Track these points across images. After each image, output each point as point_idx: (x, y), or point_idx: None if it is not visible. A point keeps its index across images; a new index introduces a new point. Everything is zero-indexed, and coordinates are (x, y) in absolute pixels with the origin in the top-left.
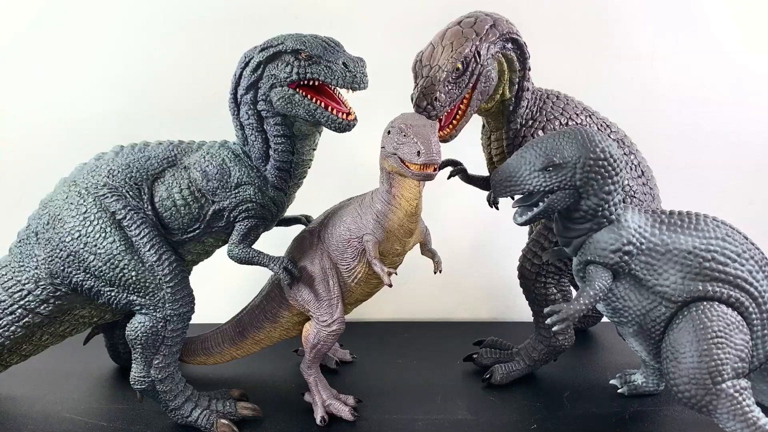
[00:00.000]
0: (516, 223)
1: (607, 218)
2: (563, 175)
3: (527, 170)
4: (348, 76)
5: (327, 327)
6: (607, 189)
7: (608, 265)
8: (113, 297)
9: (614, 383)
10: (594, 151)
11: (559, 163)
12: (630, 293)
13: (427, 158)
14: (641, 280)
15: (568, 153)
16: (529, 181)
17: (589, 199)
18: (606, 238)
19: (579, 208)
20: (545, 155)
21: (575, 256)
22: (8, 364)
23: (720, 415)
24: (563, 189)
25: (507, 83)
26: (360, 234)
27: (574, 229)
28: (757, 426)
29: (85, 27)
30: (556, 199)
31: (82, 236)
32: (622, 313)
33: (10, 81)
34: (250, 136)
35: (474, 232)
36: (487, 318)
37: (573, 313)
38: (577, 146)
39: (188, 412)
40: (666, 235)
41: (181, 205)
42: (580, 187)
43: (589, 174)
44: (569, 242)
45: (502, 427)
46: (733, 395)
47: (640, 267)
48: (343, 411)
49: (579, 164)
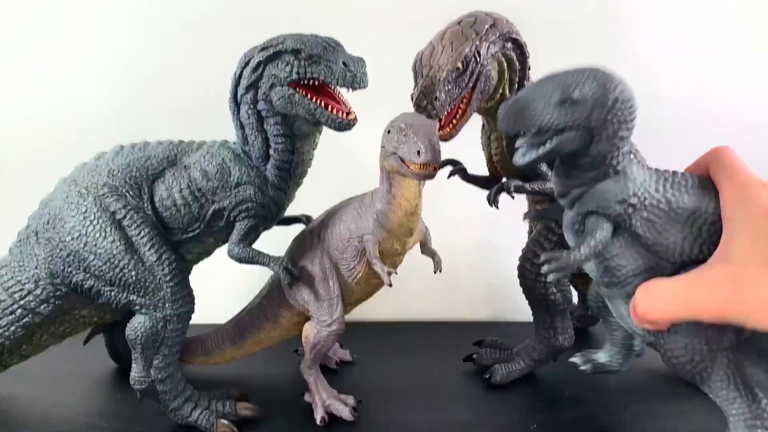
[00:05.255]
0: (517, 163)
1: (614, 168)
2: (579, 113)
3: (542, 103)
4: (348, 76)
5: (327, 327)
6: (621, 135)
7: (611, 216)
8: (113, 297)
9: (575, 361)
10: (614, 92)
11: (577, 99)
12: (626, 251)
13: (427, 158)
14: (640, 238)
15: (588, 90)
16: (543, 116)
17: (601, 143)
18: (611, 188)
19: (588, 153)
20: (563, 89)
21: (570, 210)
22: (8, 364)
23: (714, 383)
24: (576, 129)
25: (507, 83)
26: (360, 234)
27: (577, 177)
28: (752, 394)
29: (85, 27)
30: (566, 139)
31: (82, 236)
32: (615, 272)
33: (11, 81)
34: (250, 136)
35: (474, 232)
36: (487, 318)
37: (571, 262)
38: (597, 84)
39: (188, 413)
40: (670, 193)
41: (181, 204)
42: (594, 128)
43: (606, 115)
44: (567, 192)
45: (502, 427)
46: (728, 363)
47: (640, 224)
48: (343, 411)
49: (598, 103)
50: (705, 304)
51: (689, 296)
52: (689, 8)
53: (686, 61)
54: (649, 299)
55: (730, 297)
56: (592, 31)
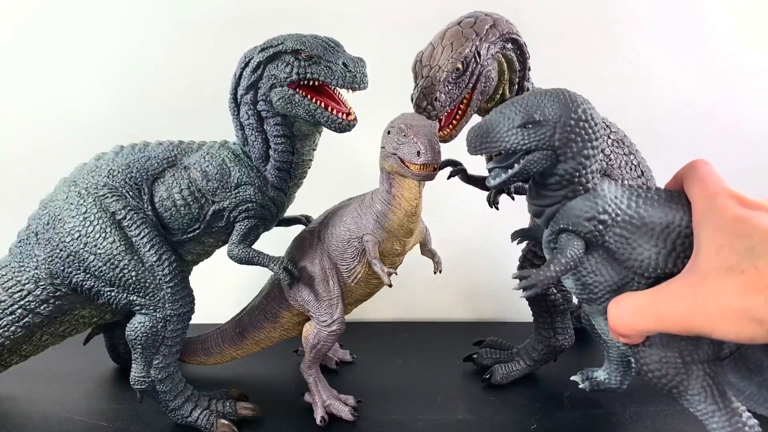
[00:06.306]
0: (489, 185)
1: (583, 186)
2: (542, 134)
3: (505, 126)
4: (348, 76)
5: (327, 327)
6: (586, 153)
7: (582, 234)
8: (113, 297)
9: (575, 379)
10: (576, 112)
11: (538, 121)
12: (602, 267)
13: (427, 158)
14: (614, 254)
15: (549, 111)
16: (506, 138)
17: (567, 162)
18: (581, 206)
19: (555, 173)
20: (525, 112)
21: (547, 227)
22: (8, 364)
23: (691, 397)
24: (541, 149)
25: (507, 83)
26: (360, 234)
27: (548, 197)
28: (730, 408)
29: (85, 27)
30: (533, 160)
31: (82, 236)
32: (592, 289)
33: (11, 81)
34: (250, 136)
35: (474, 232)
36: (487, 318)
37: (543, 279)
38: (559, 105)
39: (188, 412)
40: (642, 208)
41: (181, 205)
42: (559, 148)
43: (569, 135)
44: (542, 211)
45: (502, 427)
46: (704, 376)
47: (614, 240)
48: (343, 411)
49: (559, 123)
50: (670, 316)
51: (654, 308)
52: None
53: (686, 61)
54: (619, 312)
55: (691, 308)
56: (592, 31)
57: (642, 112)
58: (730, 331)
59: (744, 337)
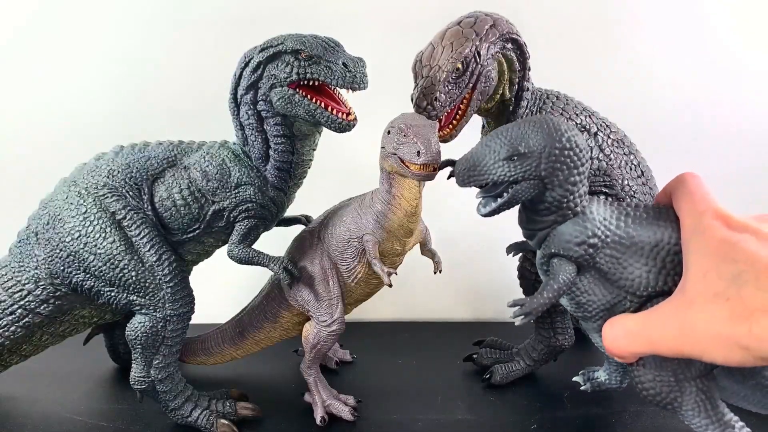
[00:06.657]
0: (479, 214)
1: (572, 210)
2: (528, 165)
3: (491, 159)
4: (348, 76)
5: (327, 327)
6: (573, 180)
7: (572, 258)
8: (113, 297)
9: (577, 380)
10: (560, 141)
11: (524, 153)
12: (594, 287)
13: (427, 158)
14: (606, 274)
15: (534, 142)
16: (493, 171)
17: (554, 190)
18: (570, 231)
19: (543, 200)
20: (510, 144)
21: (539, 249)
22: (8, 364)
23: (686, 412)
24: (528, 179)
25: (507, 83)
26: (360, 234)
27: (538, 222)
28: (723, 421)
29: (85, 27)
30: (521, 189)
31: (82, 236)
32: (586, 308)
33: (11, 81)
34: (250, 136)
35: (474, 233)
36: (487, 318)
37: (536, 307)
38: (543, 135)
39: (188, 412)
40: (632, 228)
41: (181, 205)
42: (545, 177)
43: (554, 164)
44: (533, 235)
45: (502, 427)
46: (697, 391)
47: (605, 260)
48: (343, 411)
49: (544, 154)
50: (661, 340)
51: (647, 332)
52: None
53: (686, 61)
54: (613, 335)
55: (680, 333)
56: (592, 31)
57: (642, 112)
58: (718, 356)
59: (732, 362)
